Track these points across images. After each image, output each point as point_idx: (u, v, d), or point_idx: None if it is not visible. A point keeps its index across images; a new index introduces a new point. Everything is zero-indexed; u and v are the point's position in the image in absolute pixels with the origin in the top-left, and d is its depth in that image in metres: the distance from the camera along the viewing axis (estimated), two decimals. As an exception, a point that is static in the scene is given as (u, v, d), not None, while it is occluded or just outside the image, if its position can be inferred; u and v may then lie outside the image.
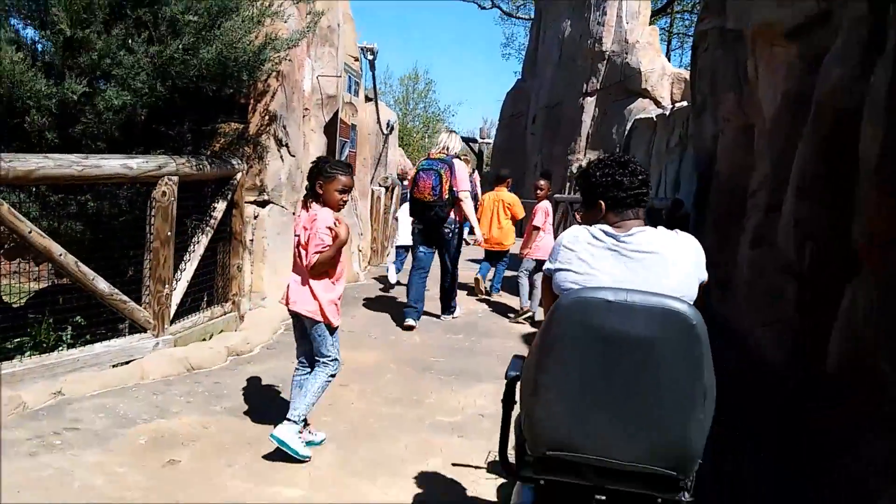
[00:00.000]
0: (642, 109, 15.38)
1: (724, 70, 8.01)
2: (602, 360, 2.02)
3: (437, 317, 6.77)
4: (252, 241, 5.64)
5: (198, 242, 4.89)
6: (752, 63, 6.41)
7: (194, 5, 4.37)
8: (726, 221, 7.87)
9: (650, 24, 17.23)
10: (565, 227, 16.15)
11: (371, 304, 7.26)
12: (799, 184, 4.95)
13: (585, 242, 2.27)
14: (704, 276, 2.37)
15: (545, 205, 7.45)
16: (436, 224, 6.37)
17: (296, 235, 3.64)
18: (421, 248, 6.49)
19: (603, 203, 2.38)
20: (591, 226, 2.33)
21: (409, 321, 6.26)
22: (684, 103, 13.68)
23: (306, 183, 3.65)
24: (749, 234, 6.26)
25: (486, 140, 29.04)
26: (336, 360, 3.60)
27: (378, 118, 11.46)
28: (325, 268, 3.52)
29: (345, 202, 3.69)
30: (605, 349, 2.02)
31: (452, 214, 6.41)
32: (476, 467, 3.64)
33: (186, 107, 4.70)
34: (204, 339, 5.02)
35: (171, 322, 4.80)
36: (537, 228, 7.18)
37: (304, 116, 6.30)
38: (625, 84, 16.15)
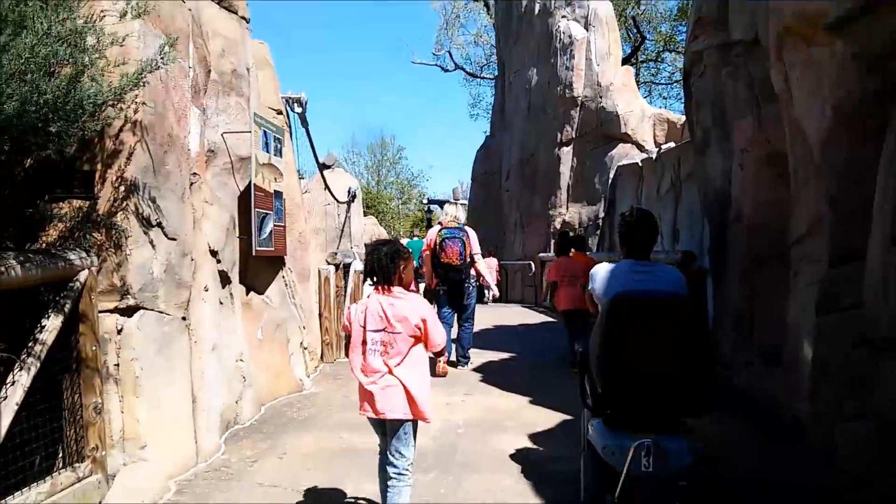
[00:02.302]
0: (625, 155, 14.23)
1: (733, 93, 6.64)
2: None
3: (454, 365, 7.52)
4: (118, 365, 3.97)
5: (12, 383, 3.22)
6: (780, 73, 5.00)
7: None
8: (759, 276, 6.36)
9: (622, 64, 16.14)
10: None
11: (320, 430, 5.13)
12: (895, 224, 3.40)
13: None
14: None
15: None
16: (461, 283, 7.44)
17: (363, 327, 3.26)
18: (446, 309, 7.39)
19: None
20: None
21: (461, 367, 7.49)
22: (671, 144, 12.50)
23: (373, 269, 3.34)
24: (807, 294, 4.74)
25: (461, 201, 27.83)
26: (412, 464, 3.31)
27: (326, 185, 9.99)
28: None
29: None
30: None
31: (472, 272, 7.55)
32: None
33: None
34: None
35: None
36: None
37: (190, 185, 4.72)
38: (602, 130, 15.00)
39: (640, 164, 12.69)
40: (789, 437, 4.72)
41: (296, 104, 7.11)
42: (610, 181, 14.27)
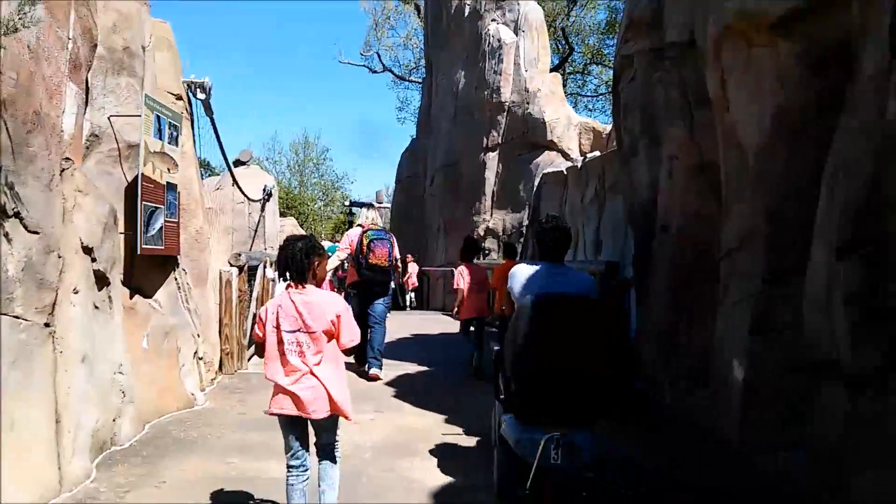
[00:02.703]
0: (550, 163, 14.11)
1: (664, 98, 6.41)
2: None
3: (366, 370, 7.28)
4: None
5: None
6: (717, 78, 4.76)
7: None
8: (686, 290, 6.14)
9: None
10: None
11: (208, 453, 4.52)
12: (842, 235, 3.14)
13: None
14: None
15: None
16: (385, 284, 7.53)
17: (276, 328, 3.22)
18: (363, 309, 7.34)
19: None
20: None
21: (374, 371, 7.21)
22: (596, 153, 12.39)
23: (285, 263, 3.31)
24: (737, 312, 4.49)
25: (384, 205, 27.28)
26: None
27: (234, 181, 9.35)
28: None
29: None
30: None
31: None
32: None
33: None
34: None
35: None
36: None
37: (62, 171, 4.09)
38: (529, 136, 14.84)
39: (565, 172, 12.54)
40: (721, 465, 4.47)
41: (198, 90, 6.48)
42: (535, 189, 14.06)
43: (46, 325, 3.90)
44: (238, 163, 18.43)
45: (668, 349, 6.34)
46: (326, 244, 18.59)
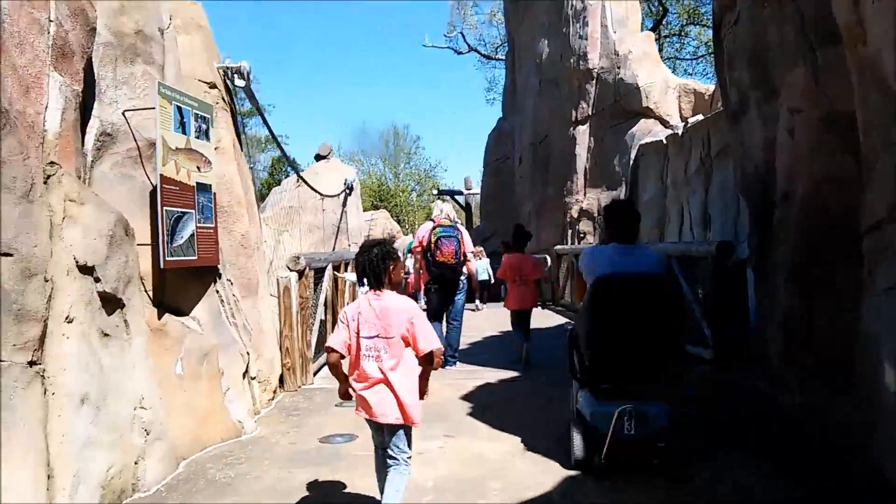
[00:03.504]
0: (647, 132, 12.80)
1: (777, 40, 5.28)
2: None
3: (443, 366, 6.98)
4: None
5: None
6: (847, 2, 3.62)
7: None
8: (817, 271, 5.02)
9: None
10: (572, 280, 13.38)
11: (243, 500, 3.84)
12: None
13: None
14: None
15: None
16: (454, 282, 7.46)
17: (358, 334, 3.34)
18: (437, 305, 7.46)
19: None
20: None
21: (449, 367, 7.27)
22: (699, 117, 11.10)
23: (356, 269, 3.49)
24: (891, 300, 3.38)
25: (472, 191, 26.49)
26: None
27: (299, 176, 8.76)
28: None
29: None
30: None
31: (464, 270, 7.60)
32: None
33: None
34: None
35: None
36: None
37: (46, 178, 3.49)
38: (622, 104, 13.54)
39: (665, 141, 11.35)
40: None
41: (236, 76, 5.83)
42: (631, 162, 12.87)
43: (32, 363, 3.31)
44: (318, 157, 18.08)
45: (797, 342, 5.26)
46: (407, 239, 17.96)
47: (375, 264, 3.36)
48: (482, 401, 5.95)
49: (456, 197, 26.76)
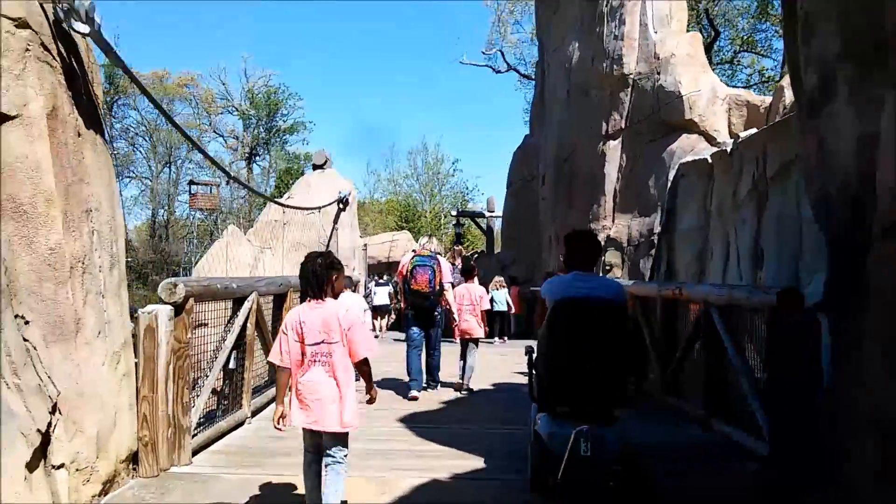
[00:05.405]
0: (690, 149, 11.54)
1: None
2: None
3: (425, 389, 7.95)
4: None
5: None
6: None
7: None
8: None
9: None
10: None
11: None
12: None
13: None
14: None
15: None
16: (430, 311, 8.03)
17: (303, 342, 3.64)
18: (414, 330, 8.00)
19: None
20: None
21: (414, 392, 7.67)
22: (752, 131, 9.33)
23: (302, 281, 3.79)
24: None
25: (494, 213, 24.78)
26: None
27: (245, 189, 7.00)
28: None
29: None
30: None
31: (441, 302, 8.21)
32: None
33: None
34: None
35: None
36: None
37: None
38: (661, 116, 12.00)
39: (710, 160, 10.25)
40: None
41: (73, 17, 4.04)
42: (669, 185, 11.58)
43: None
44: (315, 166, 16.48)
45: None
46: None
47: (319, 274, 3.70)
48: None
49: (477, 220, 25.09)
